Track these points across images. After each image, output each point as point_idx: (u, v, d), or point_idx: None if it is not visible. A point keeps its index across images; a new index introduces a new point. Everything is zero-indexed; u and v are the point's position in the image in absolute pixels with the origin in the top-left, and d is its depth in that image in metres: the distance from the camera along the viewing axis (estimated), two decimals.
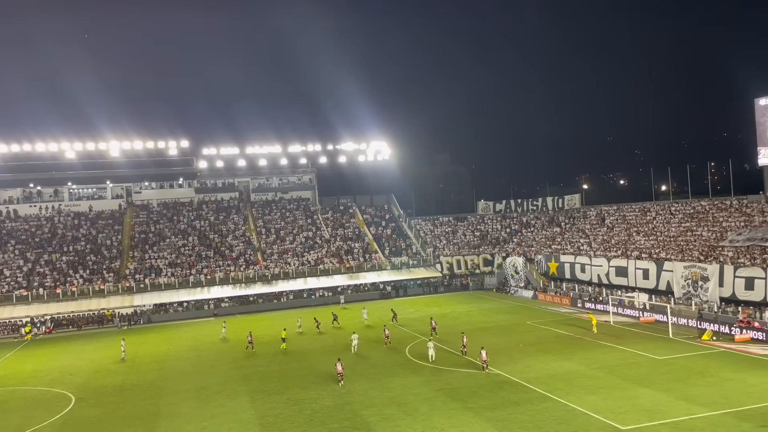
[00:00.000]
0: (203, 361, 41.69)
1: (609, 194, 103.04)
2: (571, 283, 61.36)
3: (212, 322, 60.17)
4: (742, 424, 23.52)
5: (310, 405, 29.46)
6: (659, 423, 24.20)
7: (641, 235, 59.16)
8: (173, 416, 29.09)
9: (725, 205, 55.62)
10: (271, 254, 72.85)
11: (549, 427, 24.48)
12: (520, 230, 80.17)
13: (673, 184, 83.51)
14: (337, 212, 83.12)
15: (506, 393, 29.59)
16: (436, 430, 24.81)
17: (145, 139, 78.40)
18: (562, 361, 35.16)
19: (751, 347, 36.48)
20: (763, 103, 53.08)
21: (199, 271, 68.30)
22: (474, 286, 72.57)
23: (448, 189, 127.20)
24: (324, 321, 51.16)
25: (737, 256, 45.68)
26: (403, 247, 76.45)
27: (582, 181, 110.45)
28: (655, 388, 28.88)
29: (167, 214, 78.73)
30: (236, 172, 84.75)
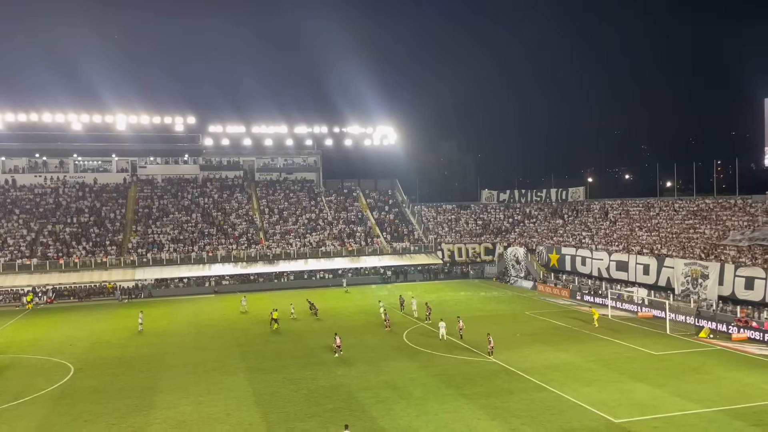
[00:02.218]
0: (202, 338, 42.00)
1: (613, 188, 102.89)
2: (571, 275, 61.46)
3: (212, 299, 60.59)
4: (735, 422, 23.66)
5: (306, 385, 29.71)
6: (652, 417, 24.35)
7: (644, 230, 59.09)
8: (170, 390, 29.38)
9: (729, 204, 55.46)
10: (274, 234, 73.03)
11: (542, 416, 24.66)
12: (522, 221, 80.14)
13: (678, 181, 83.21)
14: (341, 195, 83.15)
15: (501, 381, 29.77)
16: (429, 415, 25.01)
17: (152, 114, 78.37)
18: (558, 353, 35.33)
19: (747, 346, 36.58)
20: None
21: (201, 248, 68.57)
22: (474, 275, 72.76)
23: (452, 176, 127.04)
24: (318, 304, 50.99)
25: (739, 255, 45.64)
26: (405, 232, 76.53)
27: (587, 174, 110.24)
28: (649, 383, 29.02)
29: (171, 189, 78.86)
30: (241, 151, 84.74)
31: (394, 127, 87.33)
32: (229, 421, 24.84)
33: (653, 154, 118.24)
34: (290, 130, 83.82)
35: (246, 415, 25.58)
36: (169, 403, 27.35)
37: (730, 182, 69.40)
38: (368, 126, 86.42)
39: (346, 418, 24.84)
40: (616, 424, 23.69)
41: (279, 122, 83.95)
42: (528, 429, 23.34)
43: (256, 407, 26.56)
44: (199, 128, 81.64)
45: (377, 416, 25.02)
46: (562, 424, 23.82)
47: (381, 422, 24.29)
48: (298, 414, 25.52)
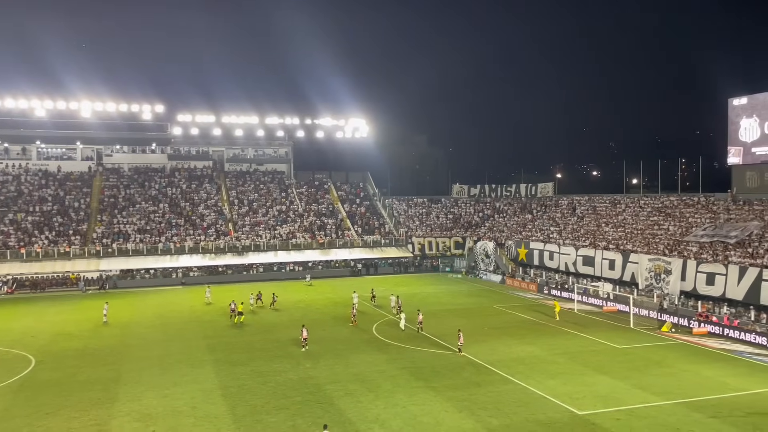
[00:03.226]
0: (168, 330, 41.42)
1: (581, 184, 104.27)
2: (539, 269, 62.27)
3: (180, 291, 59.81)
4: (693, 414, 24.29)
5: (274, 377, 29.54)
6: (614, 409, 24.86)
7: (610, 226, 60.13)
8: (134, 383, 28.92)
9: (693, 201, 56.75)
10: (243, 226, 72.33)
11: (508, 408, 24.97)
12: (492, 215, 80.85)
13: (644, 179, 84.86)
14: (312, 187, 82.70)
15: (469, 374, 30.05)
16: (398, 408, 25.11)
17: (119, 102, 76.58)
18: (525, 346, 35.79)
19: (707, 341, 37.56)
20: (736, 104, 53.98)
21: (168, 238, 67.54)
22: (444, 268, 73.18)
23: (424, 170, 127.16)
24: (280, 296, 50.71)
25: (701, 251, 46.77)
26: (376, 225, 76.55)
27: (556, 170, 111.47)
28: (613, 376, 29.61)
29: (138, 179, 77.43)
30: (211, 141, 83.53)
31: (366, 120, 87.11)
32: (194, 414, 24.56)
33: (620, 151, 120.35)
34: (261, 121, 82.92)
35: (212, 408, 25.33)
36: (133, 396, 26.92)
37: (694, 180, 70.95)
38: (340, 118, 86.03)
39: (314, 410, 24.81)
40: (580, 416, 24.12)
41: (250, 112, 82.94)
42: (494, 421, 23.60)
43: (223, 400, 26.31)
44: (167, 117, 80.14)
45: (345, 409, 25.03)
46: (527, 416, 24.15)
47: (349, 414, 24.30)
48: (265, 407, 25.36)
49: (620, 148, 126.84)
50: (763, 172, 52.01)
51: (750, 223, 47.40)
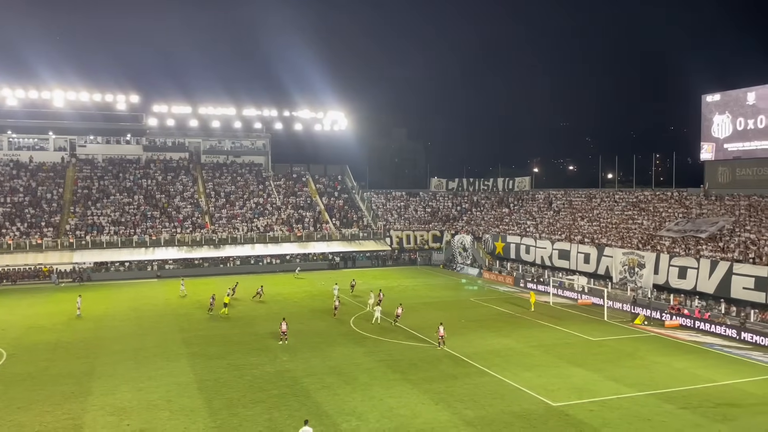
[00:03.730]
0: (143, 323, 40.98)
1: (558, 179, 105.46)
2: (515, 263, 62.84)
3: (155, 284, 59.18)
4: (665, 405, 24.77)
5: (250, 371, 29.42)
6: (588, 401, 25.24)
7: (585, 220, 60.86)
8: (108, 376, 28.58)
9: (666, 196, 57.67)
10: (220, 218, 71.73)
11: (484, 400, 25.21)
12: (470, 209, 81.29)
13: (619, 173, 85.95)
14: (290, 180, 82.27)
15: (445, 366, 30.25)
16: (374, 400, 25.19)
17: (92, 91, 75.07)
18: (501, 338, 36.13)
19: (679, 333, 38.28)
20: (709, 100, 54.92)
21: (143, 231, 66.71)
22: (422, 261, 73.48)
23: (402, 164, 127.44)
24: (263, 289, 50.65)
25: (673, 245, 47.59)
26: (354, 218, 76.47)
27: (533, 164, 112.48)
28: (587, 368, 30.04)
29: (113, 170, 76.26)
30: (187, 132, 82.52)
31: (345, 112, 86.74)
32: (170, 408, 24.36)
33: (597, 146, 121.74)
34: (239, 113, 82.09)
35: (188, 401, 25.15)
36: (107, 390, 26.61)
37: (668, 175, 72.19)
38: (319, 111, 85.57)
39: (290, 403, 24.78)
40: (555, 408, 24.45)
41: (227, 104, 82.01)
42: (470, 413, 23.81)
43: (199, 393, 26.14)
44: (142, 107, 78.90)
45: (322, 402, 25.03)
46: (503, 407, 24.41)
47: (326, 407, 24.31)
48: (241, 400, 25.26)
49: (596, 143, 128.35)
50: (735, 167, 53.05)
51: (721, 218, 48.34)
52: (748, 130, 51.53)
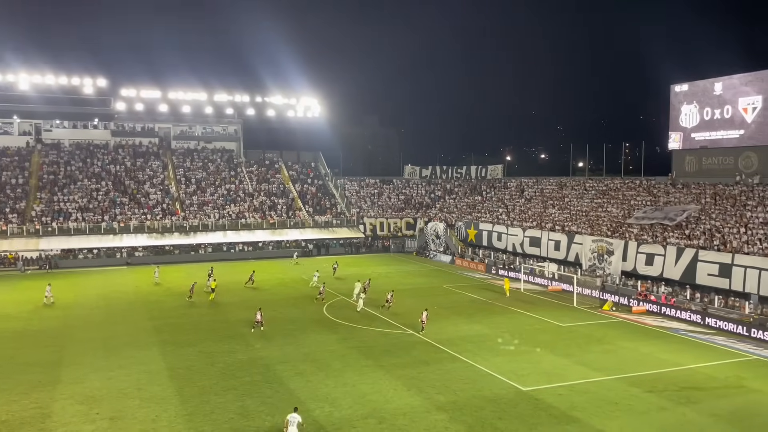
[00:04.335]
0: (113, 311, 40.42)
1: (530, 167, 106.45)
2: (487, 250, 63.43)
3: (124, 271, 58.36)
4: (631, 389, 25.37)
5: (222, 358, 29.27)
6: (557, 385, 25.71)
7: (556, 208, 61.65)
8: (77, 365, 28.16)
9: (635, 184, 58.69)
10: (191, 205, 70.84)
11: (455, 386, 25.50)
12: (443, 196, 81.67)
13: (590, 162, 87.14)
14: (263, 166, 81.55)
15: (418, 353, 30.49)
16: (347, 387, 25.29)
17: (59, 75, 73.29)
18: (472, 324, 36.52)
19: (646, 318, 39.17)
20: (678, 90, 55.89)
21: (112, 217, 65.56)
22: (395, 249, 73.71)
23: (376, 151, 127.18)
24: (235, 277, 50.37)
25: (641, 233, 48.53)
26: (327, 206, 76.25)
27: (505, 152, 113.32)
28: (556, 353, 30.58)
29: (80, 155, 74.65)
30: (157, 117, 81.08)
31: (318, 99, 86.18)
32: (140, 396, 24.13)
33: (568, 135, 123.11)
34: (210, 98, 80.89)
35: (158, 389, 24.94)
36: (76, 378, 26.23)
37: (637, 164, 73.43)
38: (291, 97, 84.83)
39: (263, 391, 24.75)
40: (524, 392, 24.86)
41: (197, 89, 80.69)
42: (442, 398, 24.08)
43: (170, 381, 25.93)
44: (110, 91, 77.28)
45: (295, 388, 25.05)
46: (474, 392, 24.74)
47: (299, 394, 24.34)
48: (213, 387, 25.13)
49: (567, 132, 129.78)
50: (701, 156, 54.19)
51: (688, 206, 49.41)
52: (714, 119, 52.62)
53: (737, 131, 50.80)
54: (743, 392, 25.34)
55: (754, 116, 49.48)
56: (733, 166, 51.06)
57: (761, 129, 48.96)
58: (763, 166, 49.00)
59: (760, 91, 48.88)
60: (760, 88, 48.91)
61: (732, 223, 44.17)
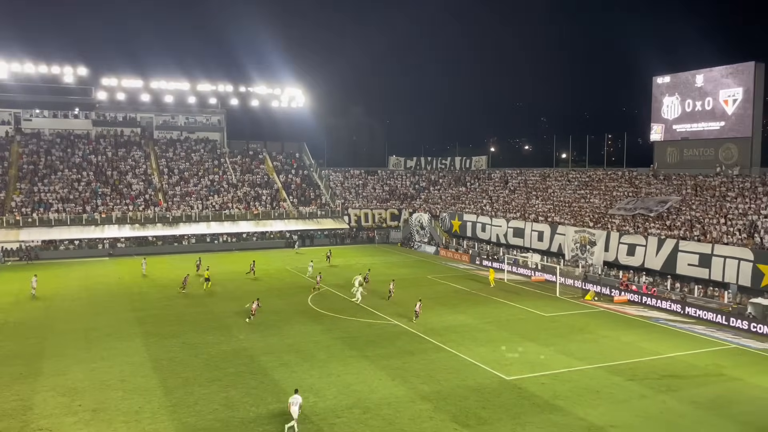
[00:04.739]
0: (95, 302, 40.06)
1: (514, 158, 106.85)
2: (471, 241, 63.73)
3: (107, 262, 57.84)
4: (613, 377, 25.72)
5: (206, 349, 29.17)
6: (540, 374, 25.98)
7: (539, 199, 62.04)
8: (59, 357, 27.91)
9: (617, 175, 59.20)
10: (174, 196, 70.26)
11: (440, 375, 25.66)
12: (428, 187, 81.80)
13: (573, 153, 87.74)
14: (246, 157, 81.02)
15: (403, 343, 30.61)
16: (332, 377, 25.34)
17: (38, 63, 71.94)
18: (456, 315, 36.72)
19: (627, 308, 39.64)
20: (660, 82, 56.33)
21: (93, 208, 64.84)
22: (380, 240, 73.77)
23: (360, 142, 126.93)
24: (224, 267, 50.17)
25: (623, 223, 49.03)
26: (312, 196, 76.03)
27: (490, 143, 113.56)
28: (539, 343, 30.87)
29: (61, 144, 73.63)
30: (139, 107, 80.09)
31: (302, 89, 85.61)
32: (123, 388, 23.99)
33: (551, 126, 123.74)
34: (193, 87, 79.98)
35: (142, 380, 24.81)
36: (58, 370, 26.00)
37: (619, 155, 74.00)
38: (276, 87, 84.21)
39: (247, 381, 24.72)
40: (508, 381, 25.09)
41: (180, 78, 79.70)
42: (426, 387, 24.22)
43: (153, 373, 25.80)
44: (91, 81, 76.12)
45: (279, 379, 25.06)
46: (458, 382, 24.92)
47: (283, 385, 24.35)
48: (197, 379, 25.06)
49: (551, 123, 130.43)
50: (683, 148, 54.76)
51: (669, 197, 49.96)
52: (695, 111, 53.16)
53: (718, 123, 51.37)
54: (722, 380, 25.79)
55: (734, 108, 50.06)
56: (714, 158, 51.68)
57: (741, 121, 49.57)
58: (743, 158, 49.66)
59: (741, 83, 49.44)
60: (741, 80, 49.47)
61: (712, 214, 44.77)
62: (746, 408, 22.66)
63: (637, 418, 21.58)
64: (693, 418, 21.65)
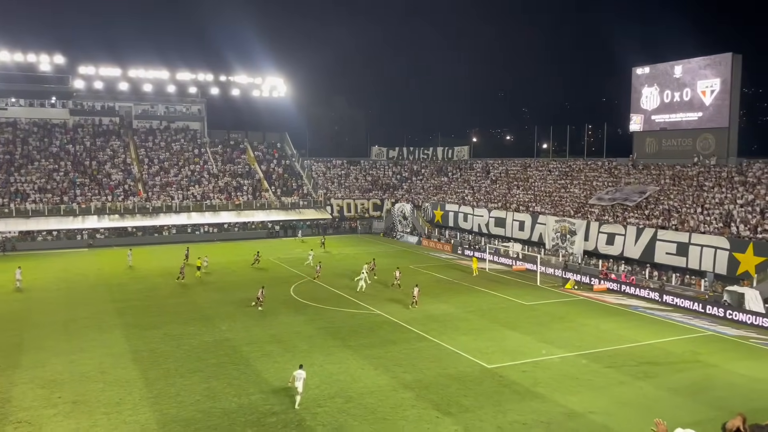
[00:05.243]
0: (74, 294, 39.62)
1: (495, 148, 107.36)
2: (453, 230, 64.00)
3: (86, 253, 57.16)
4: (592, 365, 26.08)
5: (188, 341, 29.02)
6: (521, 362, 26.26)
7: (520, 189, 62.43)
8: (38, 349, 27.59)
9: (597, 165, 59.74)
10: (154, 186, 69.52)
11: (422, 364, 25.83)
12: (410, 177, 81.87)
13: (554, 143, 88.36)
14: (228, 147, 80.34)
15: (385, 332, 30.73)
16: (315, 367, 25.34)
17: (13, 51, 70.47)
18: (439, 304, 36.92)
19: (606, 296, 40.16)
20: (639, 72, 56.80)
21: (72, 198, 63.94)
22: (362, 230, 73.76)
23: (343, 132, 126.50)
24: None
25: (603, 213, 49.56)
26: (294, 187, 75.71)
27: (472, 134, 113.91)
28: (520, 331, 31.18)
29: (38, 134, 72.36)
30: (117, 96, 78.86)
31: (284, 78, 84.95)
32: (103, 380, 23.80)
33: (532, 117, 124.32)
34: (172, 76, 78.97)
35: (122, 372, 24.63)
36: (37, 362, 25.71)
37: (599, 145, 74.68)
38: (257, 76, 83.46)
39: (229, 372, 24.67)
40: (489, 369, 25.33)
41: (159, 67, 78.58)
42: (408, 376, 24.37)
43: (134, 365, 25.63)
44: (68, 69, 74.79)
45: (262, 369, 25.04)
46: (440, 370, 25.10)
47: (265, 375, 24.34)
48: (179, 370, 24.94)
49: (532, 114, 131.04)
50: (661, 138, 55.37)
51: (648, 186, 50.57)
52: (674, 102, 53.73)
53: (696, 113, 51.99)
54: (699, 366, 26.29)
55: (712, 99, 50.68)
56: (692, 148, 52.34)
57: (719, 111, 50.21)
58: (720, 148, 50.36)
59: (718, 74, 50.04)
60: (718, 71, 50.06)
61: (689, 204, 45.42)
62: (722, 393, 23.14)
63: (616, 404, 21.93)
64: (670, 403, 22.05)
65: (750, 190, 43.72)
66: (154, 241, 63.17)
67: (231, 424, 19.86)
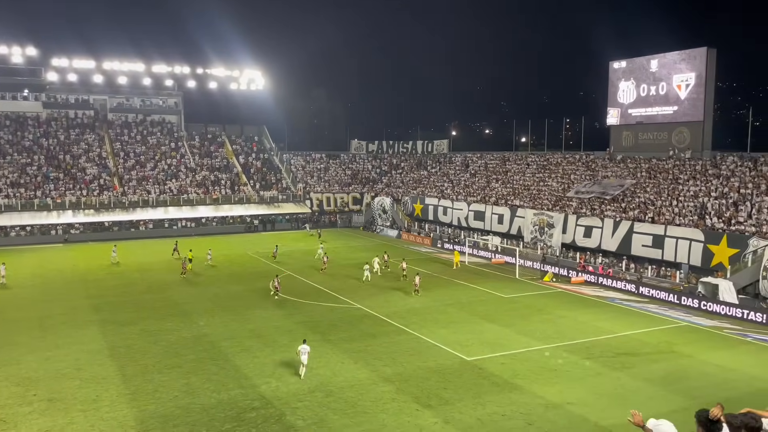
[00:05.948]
0: (49, 289, 38.99)
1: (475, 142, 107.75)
2: (433, 224, 64.17)
3: (61, 249, 56.25)
4: (570, 357, 26.36)
5: (165, 336, 28.72)
6: (500, 354, 26.45)
7: (499, 182, 62.77)
8: (12, 345, 27.10)
9: (574, 159, 60.27)
10: (130, 180, 68.57)
11: (402, 358, 25.88)
12: (389, 171, 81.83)
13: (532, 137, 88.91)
14: (205, 140, 79.51)
15: (365, 326, 30.73)
16: (294, 362, 25.24)
17: None
18: (418, 297, 37.01)
19: (584, 288, 40.61)
20: (616, 67, 57.34)
21: (45, 193, 62.81)
22: (342, 224, 73.63)
23: (322, 125, 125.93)
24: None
25: (580, 206, 50.04)
26: (273, 181, 75.24)
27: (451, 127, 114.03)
28: (499, 324, 31.40)
29: (10, 127, 70.86)
30: (92, 89, 77.52)
31: (262, 71, 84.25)
32: (80, 377, 23.46)
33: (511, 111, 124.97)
34: (148, 69, 77.81)
35: (99, 369, 24.30)
36: (11, 360, 25.26)
37: (577, 139, 75.35)
38: (234, 69, 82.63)
39: (208, 367, 24.48)
40: (469, 362, 25.47)
41: (134, 59, 77.38)
42: (388, 369, 24.40)
43: (111, 361, 25.30)
44: (41, 61, 73.33)
45: (241, 364, 24.88)
46: (419, 363, 25.17)
47: (245, 370, 24.20)
48: (156, 366, 24.68)
49: (511, 108, 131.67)
50: (638, 132, 56.02)
51: (624, 180, 51.16)
52: (650, 96, 54.35)
53: (671, 107, 52.65)
54: (674, 357, 26.71)
55: (687, 93, 51.35)
56: (667, 141, 53.03)
57: (694, 105, 50.91)
58: (695, 141, 51.10)
59: (693, 68, 50.70)
60: (693, 65, 50.73)
61: (665, 197, 46.05)
62: (696, 383, 23.55)
63: (593, 394, 22.20)
64: (646, 393, 22.38)
65: (724, 183, 44.46)
66: (130, 236, 62.38)
67: (210, 420, 19.71)
